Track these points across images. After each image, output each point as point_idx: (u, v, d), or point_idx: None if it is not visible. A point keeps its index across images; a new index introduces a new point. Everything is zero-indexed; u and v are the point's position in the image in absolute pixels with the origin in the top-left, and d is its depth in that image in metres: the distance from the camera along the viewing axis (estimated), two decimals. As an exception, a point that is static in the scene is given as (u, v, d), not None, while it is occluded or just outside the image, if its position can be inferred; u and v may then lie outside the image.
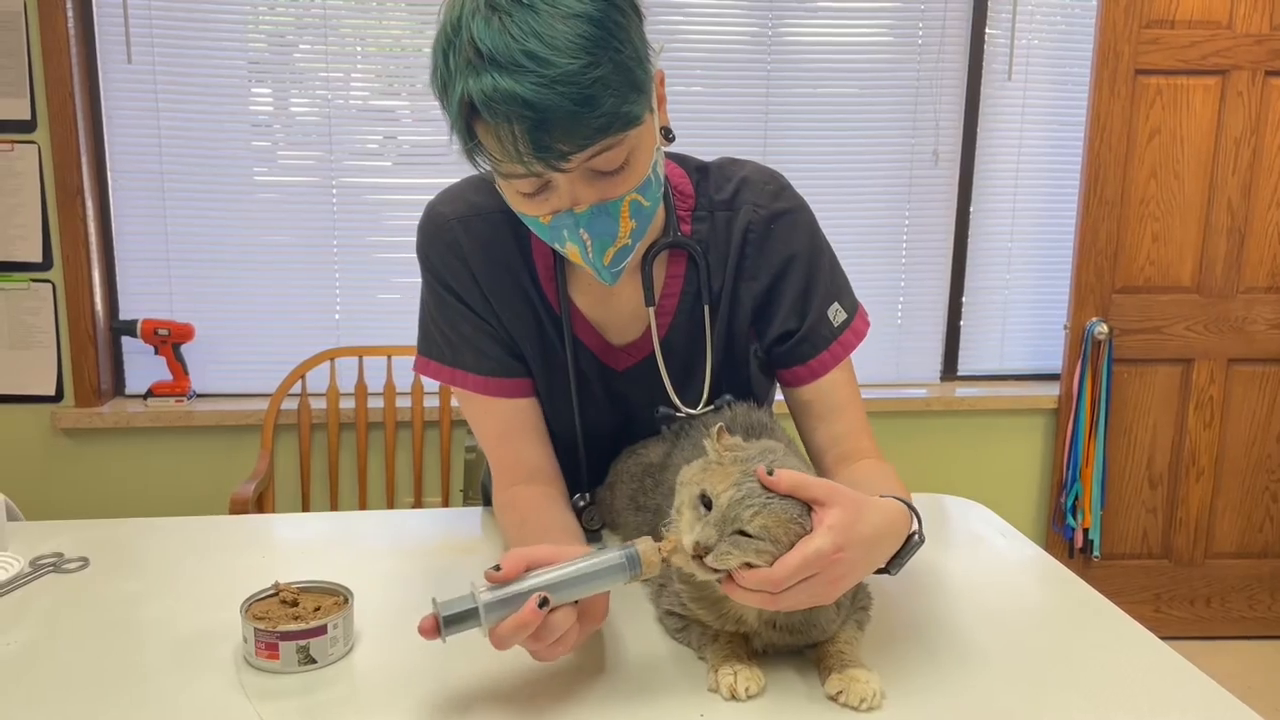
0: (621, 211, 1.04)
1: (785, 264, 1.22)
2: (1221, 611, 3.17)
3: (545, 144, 0.95)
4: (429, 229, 1.23)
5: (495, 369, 1.22)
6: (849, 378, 1.26)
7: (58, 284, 2.76)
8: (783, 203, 1.22)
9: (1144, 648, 1.06)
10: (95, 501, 2.86)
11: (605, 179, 1.02)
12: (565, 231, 1.05)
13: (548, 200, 1.03)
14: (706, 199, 1.23)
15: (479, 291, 1.22)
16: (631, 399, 1.26)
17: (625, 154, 1.01)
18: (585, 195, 1.02)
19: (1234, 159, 2.90)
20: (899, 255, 3.08)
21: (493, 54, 0.93)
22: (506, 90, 0.93)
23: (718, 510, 0.89)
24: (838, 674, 0.94)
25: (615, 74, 0.95)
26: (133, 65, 2.76)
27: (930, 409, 3.05)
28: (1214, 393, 3.04)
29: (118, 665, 1.01)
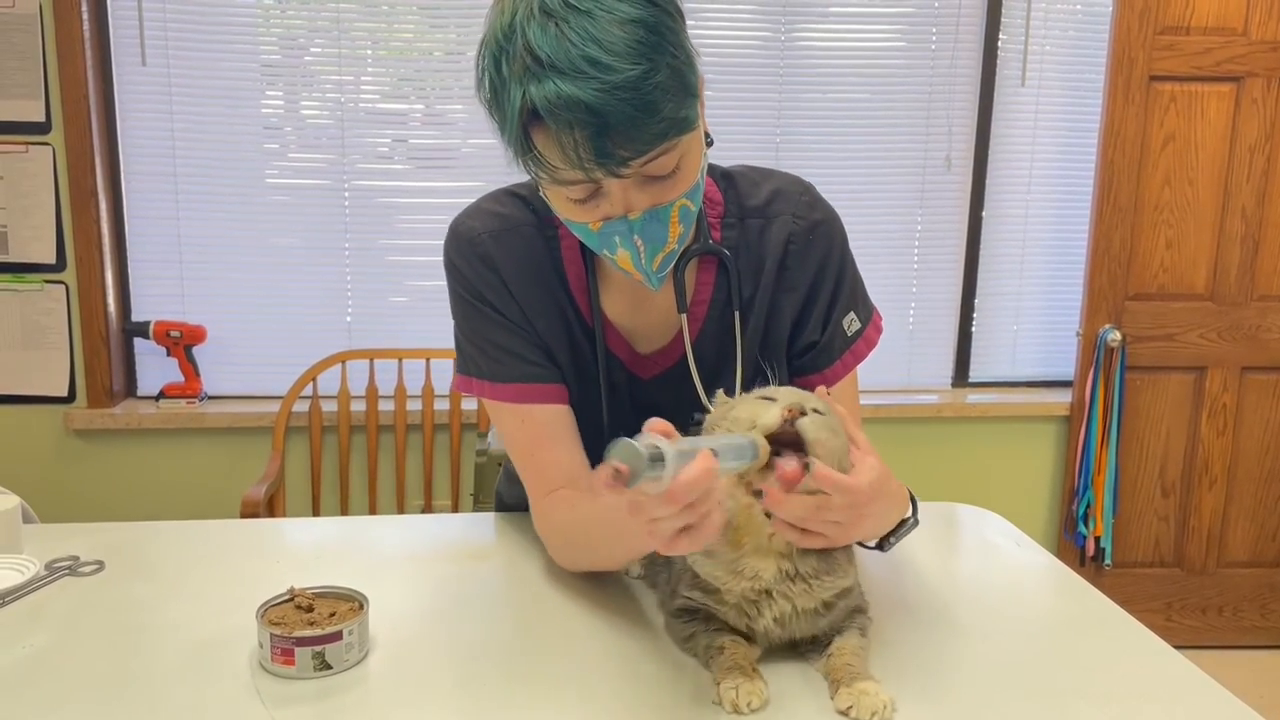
0: (672, 216, 1.05)
1: (819, 274, 1.23)
2: (1234, 621, 3.16)
3: (607, 150, 0.95)
4: (459, 244, 1.22)
5: (533, 374, 1.21)
6: (850, 381, 1.27)
7: (71, 285, 2.77)
8: (819, 213, 1.23)
9: (1157, 657, 1.06)
10: (107, 502, 2.87)
11: (657, 184, 1.02)
12: (617, 238, 1.05)
13: (598, 207, 1.03)
14: (736, 206, 1.23)
15: (514, 303, 1.21)
16: (659, 407, 1.26)
17: (677, 159, 1.01)
18: (638, 201, 1.02)
19: (1248, 166, 2.89)
20: (911, 261, 3.08)
21: (553, 60, 0.93)
22: (570, 96, 0.93)
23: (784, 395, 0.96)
24: (846, 687, 0.93)
25: (671, 79, 0.96)
26: (147, 68, 2.77)
27: (941, 415, 3.04)
28: (1227, 401, 3.03)
29: (133, 669, 1.01)
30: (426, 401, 2.80)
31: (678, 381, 1.24)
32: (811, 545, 0.96)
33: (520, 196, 1.24)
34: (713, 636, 1.01)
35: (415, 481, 2.91)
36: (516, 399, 1.22)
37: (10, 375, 2.80)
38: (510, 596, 1.19)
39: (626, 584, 1.21)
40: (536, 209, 1.23)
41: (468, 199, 1.26)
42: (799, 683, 0.99)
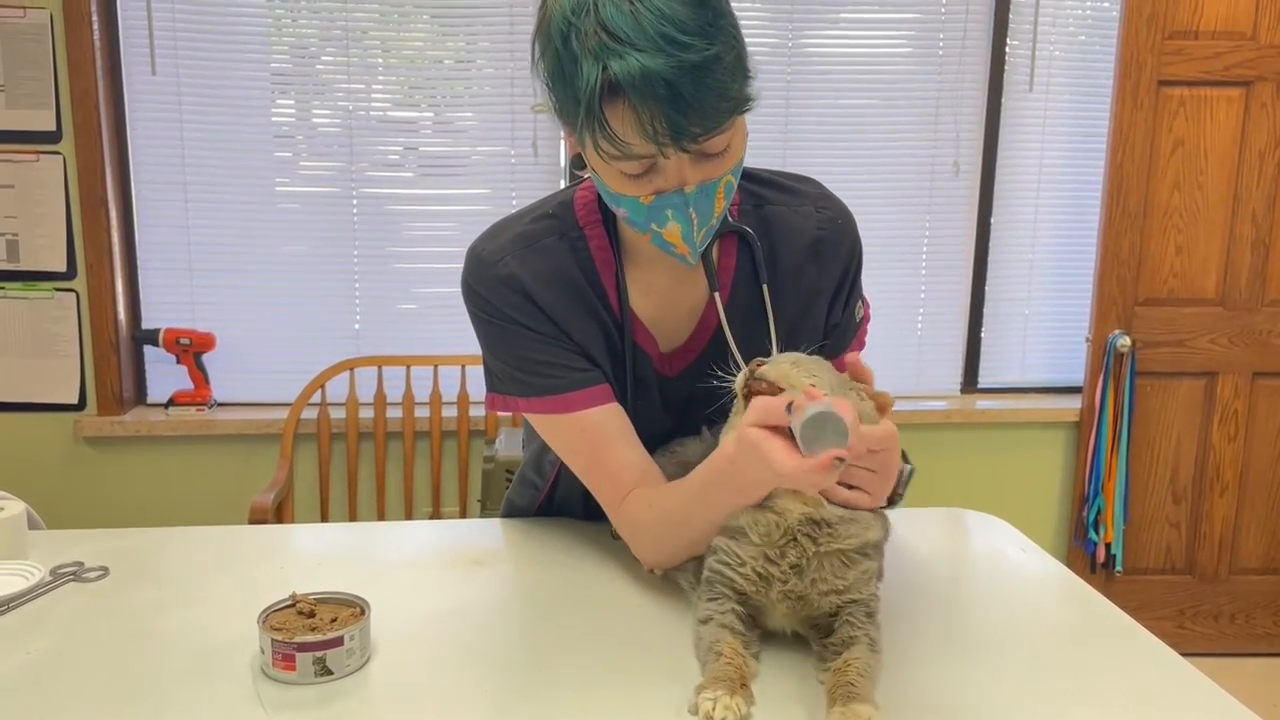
0: (719, 191, 1.09)
1: (849, 261, 1.29)
2: (1246, 628, 3.14)
3: (681, 126, 0.99)
4: (478, 270, 1.22)
5: (575, 382, 1.21)
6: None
7: (81, 293, 2.79)
8: (839, 204, 1.30)
9: (1166, 665, 1.05)
10: (116, 509, 2.88)
11: (710, 160, 1.06)
12: (669, 211, 1.08)
13: (652, 181, 1.06)
14: (750, 195, 1.27)
15: (545, 317, 1.21)
16: (690, 400, 1.27)
17: (731, 136, 1.06)
18: (692, 176, 1.06)
19: (1258, 171, 2.87)
20: (919, 266, 3.07)
21: (630, 36, 0.97)
22: (652, 70, 0.96)
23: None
24: (841, 706, 0.91)
25: (735, 60, 1.01)
26: (157, 76, 2.78)
27: (950, 421, 3.03)
28: (1238, 406, 3.01)
29: (136, 675, 1.01)
30: (434, 408, 2.81)
31: (703, 375, 1.24)
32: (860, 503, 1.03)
33: (538, 213, 1.24)
34: (718, 634, 1.01)
35: (423, 488, 2.91)
36: (567, 409, 1.21)
37: (21, 383, 2.82)
38: (513, 603, 1.19)
39: (629, 591, 1.21)
40: (558, 216, 1.23)
41: (477, 206, 1.27)
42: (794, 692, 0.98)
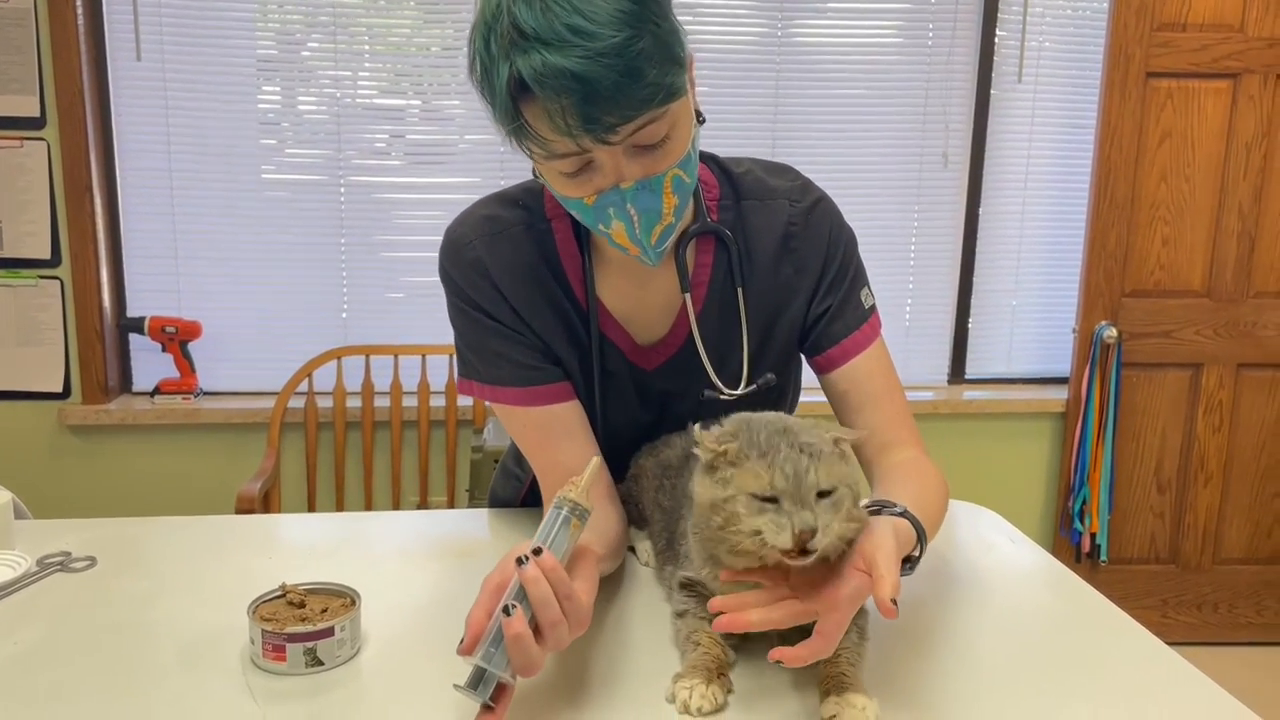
0: (665, 186, 1.05)
1: (829, 249, 1.25)
2: (1229, 617, 3.16)
3: (594, 117, 0.96)
4: (450, 252, 1.23)
5: (533, 377, 1.22)
6: (885, 367, 1.27)
7: (66, 281, 2.77)
8: (813, 193, 1.26)
9: (1153, 656, 1.06)
10: (101, 498, 2.87)
11: (648, 154, 1.03)
12: (611, 209, 1.05)
13: (591, 180, 1.04)
14: (730, 189, 1.25)
15: (507, 306, 1.21)
16: (666, 394, 1.27)
17: (667, 127, 1.02)
18: (630, 171, 1.03)
19: (1245, 163, 2.89)
20: (907, 257, 3.07)
21: (537, 32, 0.95)
22: (555, 65, 0.94)
23: (790, 492, 0.88)
24: (835, 696, 0.91)
25: (656, 47, 0.97)
26: (142, 63, 2.76)
27: (938, 412, 3.04)
28: (1223, 397, 3.03)
29: (125, 665, 1.00)
30: (422, 398, 2.80)
31: (682, 369, 1.24)
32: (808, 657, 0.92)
33: (509, 198, 1.24)
34: (695, 624, 1.01)
35: (411, 478, 2.91)
36: (517, 402, 1.22)
37: (5, 371, 2.80)
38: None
39: (618, 580, 1.21)
40: (528, 206, 1.23)
41: (464, 194, 1.27)
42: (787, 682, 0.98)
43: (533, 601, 0.87)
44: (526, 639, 0.85)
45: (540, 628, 0.87)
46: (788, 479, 0.88)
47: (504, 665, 0.86)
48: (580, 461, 1.21)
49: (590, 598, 0.93)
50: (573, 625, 0.89)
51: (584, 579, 0.93)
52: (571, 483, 0.95)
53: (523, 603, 0.87)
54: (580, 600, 0.90)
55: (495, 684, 0.86)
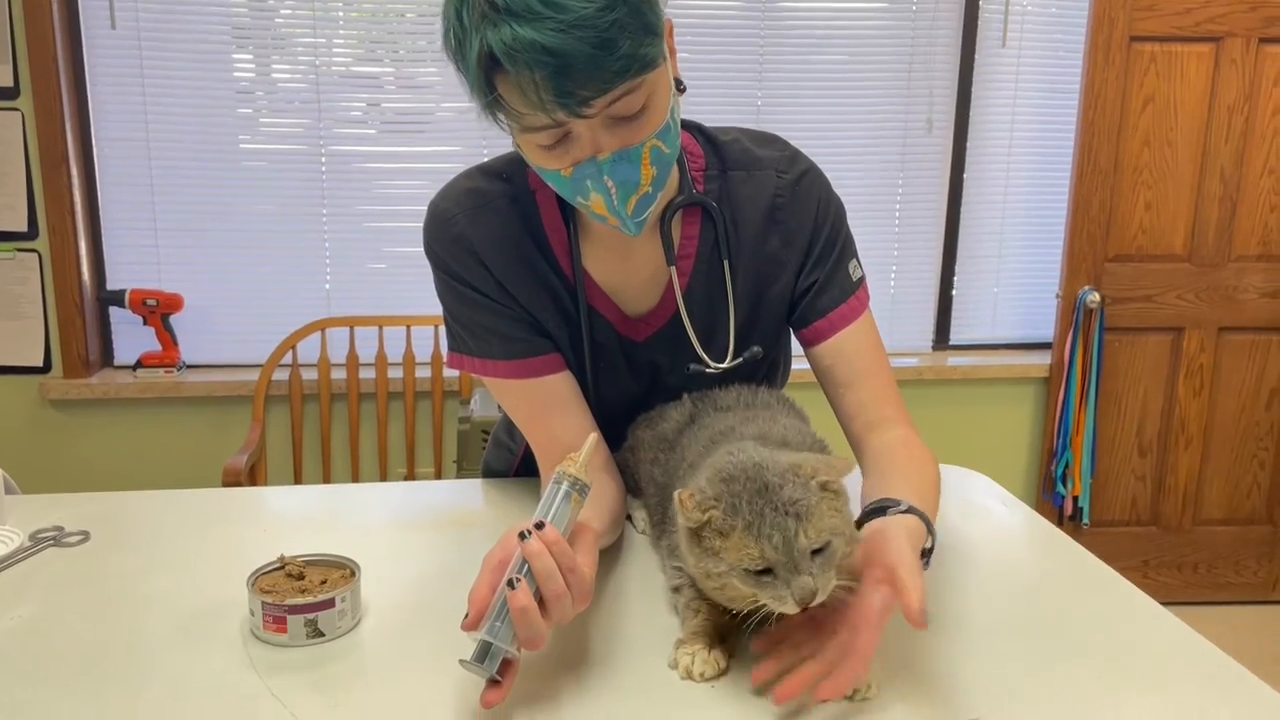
0: (643, 157, 1.04)
1: (817, 220, 1.24)
2: (1208, 577, 3.21)
3: (567, 90, 0.95)
4: (434, 226, 1.21)
5: (522, 350, 1.21)
6: (873, 342, 1.26)
7: (44, 254, 2.73)
8: (802, 164, 1.25)
9: (1146, 614, 1.07)
10: (84, 473, 2.85)
11: (625, 125, 1.02)
12: (588, 181, 1.04)
13: (568, 152, 1.02)
14: (716, 159, 1.23)
15: (493, 280, 1.20)
16: (656, 366, 1.27)
17: (644, 98, 1.01)
18: (607, 143, 1.02)
19: (1227, 127, 2.89)
20: (892, 224, 3.07)
21: (509, 4, 0.93)
22: (526, 39, 0.93)
23: (782, 561, 0.86)
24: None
25: (630, 17, 0.95)
26: (116, 30, 2.71)
27: (922, 378, 3.06)
28: (1204, 361, 3.06)
29: (124, 639, 1.00)
30: (408, 369, 2.79)
31: (672, 341, 1.24)
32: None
33: (492, 171, 1.23)
34: (694, 594, 1.01)
35: (398, 449, 2.90)
36: (508, 375, 1.22)
37: (-16, 345, 2.77)
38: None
39: (616, 549, 1.21)
40: (512, 178, 1.21)
41: (445, 164, 1.25)
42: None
43: (537, 575, 0.87)
44: (532, 611, 0.85)
45: (544, 601, 0.87)
46: (778, 549, 0.86)
47: (509, 639, 0.86)
48: (575, 432, 1.21)
49: (592, 571, 0.93)
50: (576, 598, 0.89)
51: (585, 553, 0.93)
52: (570, 458, 0.94)
53: (526, 576, 0.86)
54: (583, 573, 0.89)
55: (501, 658, 0.86)
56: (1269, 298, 3.02)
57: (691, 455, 1.10)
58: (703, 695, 0.91)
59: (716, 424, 1.13)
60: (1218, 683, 0.94)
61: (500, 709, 0.87)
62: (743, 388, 1.22)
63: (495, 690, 0.86)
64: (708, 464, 0.96)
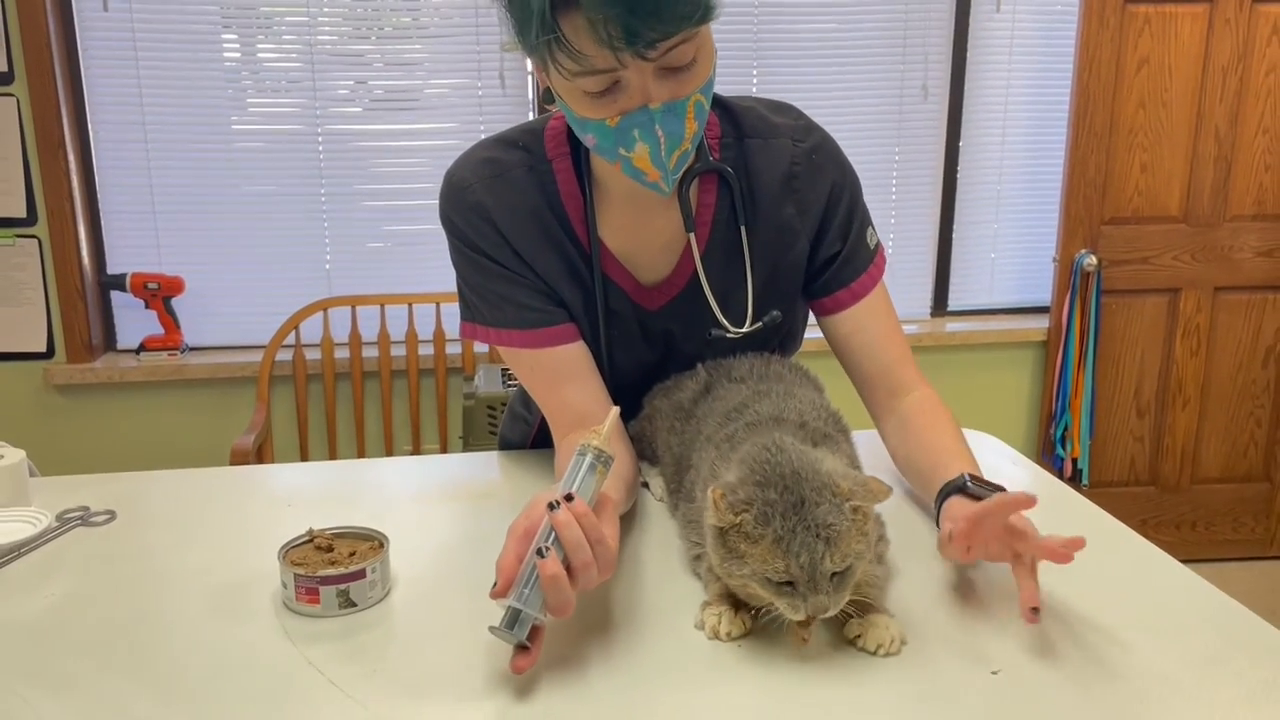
0: (688, 111, 1.05)
1: (834, 190, 1.25)
2: (1207, 535, 3.25)
3: (636, 30, 0.95)
4: (451, 195, 1.22)
5: (538, 319, 1.22)
6: (888, 307, 1.29)
7: (44, 239, 2.73)
8: (817, 134, 1.26)
9: (1158, 567, 1.10)
10: (90, 457, 2.86)
11: (675, 76, 1.03)
12: (636, 131, 1.05)
13: (616, 101, 1.03)
14: (732, 127, 1.24)
15: (509, 249, 1.21)
16: (671, 334, 1.28)
17: (695, 49, 1.02)
18: (658, 92, 1.03)
19: (1221, 87, 2.90)
20: (889, 191, 3.08)
21: None
22: None
23: (804, 579, 0.87)
24: (858, 618, 0.94)
25: None
26: (109, 13, 2.70)
27: (921, 344, 3.08)
28: (1200, 321, 3.08)
29: (159, 613, 1.01)
30: (410, 346, 2.80)
31: (686, 308, 1.25)
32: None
33: (509, 140, 1.23)
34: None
35: (403, 427, 2.91)
36: (523, 344, 1.23)
37: (-14, 332, 2.77)
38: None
39: (635, 515, 1.23)
40: (528, 148, 1.22)
41: (445, 141, 1.25)
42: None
43: (565, 545, 0.88)
44: (562, 579, 0.86)
45: (572, 570, 0.88)
46: (803, 568, 0.86)
47: (538, 606, 0.88)
48: (588, 402, 1.23)
49: (616, 542, 0.94)
50: (602, 568, 0.90)
51: (609, 524, 0.94)
52: (594, 430, 0.95)
53: (555, 545, 0.88)
54: (609, 544, 0.91)
55: (530, 625, 0.88)
56: (1264, 257, 3.04)
57: (708, 429, 1.11)
58: (730, 655, 0.93)
59: (732, 396, 1.13)
60: (1232, 631, 0.96)
61: (530, 673, 0.89)
62: (756, 357, 1.24)
63: (525, 656, 0.88)
64: (741, 457, 0.95)
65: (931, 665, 0.90)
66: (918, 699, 0.86)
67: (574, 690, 0.88)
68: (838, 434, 1.08)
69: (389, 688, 0.88)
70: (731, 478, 0.93)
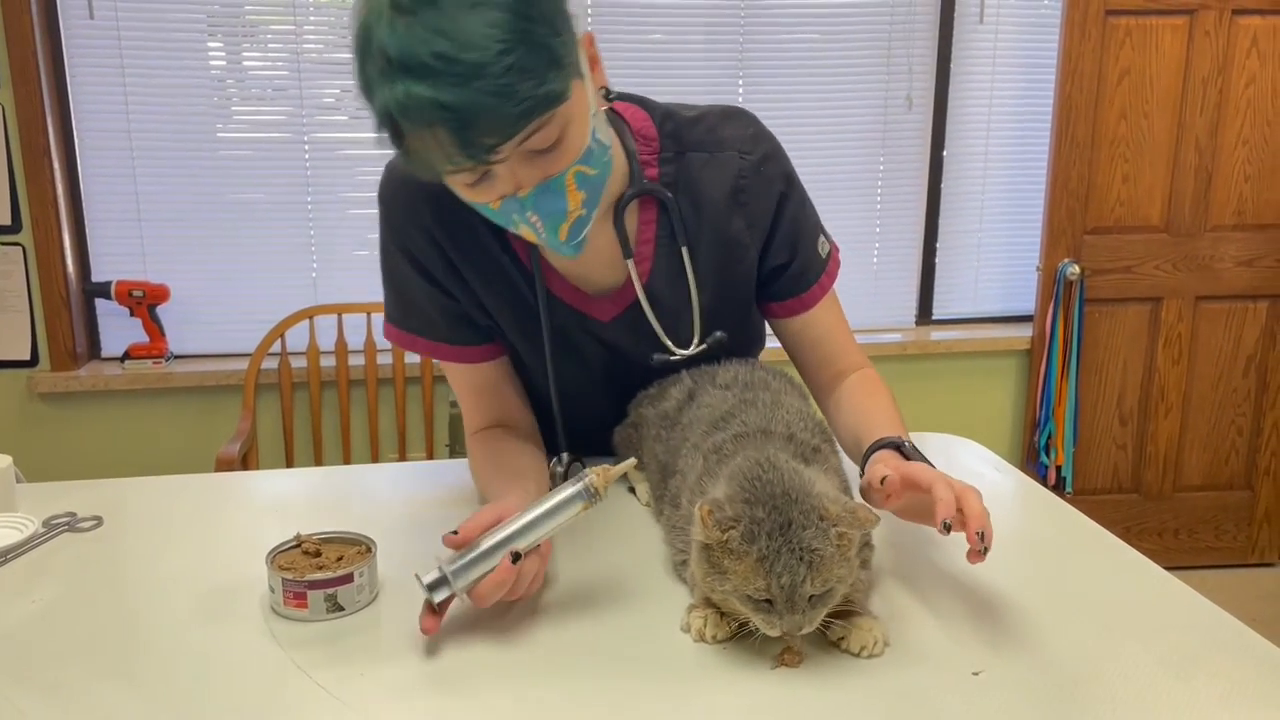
0: (567, 185, 1.02)
1: (780, 203, 1.25)
2: (1189, 542, 3.27)
3: (471, 141, 0.93)
4: (392, 189, 1.21)
5: (449, 337, 1.25)
6: (837, 306, 1.32)
7: (28, 247, 2.72)
8: (765, 144, 1.24)
9: (1139, 571, 1.11)
10: (75, 466, 2.85)
11: (544, 157, 0.99)
12: (514, 215, 1.03)
13: (492, 187, 1.01)
14: (673, 141, 1.22)
15: (442, 258, 1.20)
16: (622, 348, 1.27)
17: (558, 130, 0.98)
18: (528, 177, 1.00)
19: (1201, 98, 2.94)
20: (874, 201, 3.10)
21: (403, 60, 0.91)
22: (421, 96, 0.91)
23: (783, 600, 0.87)
24: (842, 620, 0.94)
25: (529, 56, 0.92)
26: (95, 20, 2.70)
27: (906, 353, 3.09)
28: (1182, 330, 3.11)
29: (147, 618, 1.02)
30: (397, 355, 2.80)
31: (634, 325, 1.24)
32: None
33: None
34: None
35: (389, 435, 2.91)
36: (438, 357, 1.27)
37: (-30, 340, 2.76)
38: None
39: (621, 521, 1.24)
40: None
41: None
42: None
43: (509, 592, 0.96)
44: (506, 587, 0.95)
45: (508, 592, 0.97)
46: (783, 589, 0.86)
47: (464, 584, 0.95)
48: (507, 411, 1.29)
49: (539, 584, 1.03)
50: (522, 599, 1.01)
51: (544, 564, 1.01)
52: (605, 467, 0.98)
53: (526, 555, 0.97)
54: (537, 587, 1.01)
55: (448, 594, 0.95)
56: (1244, 266, 3.07)
57: (694, 436, 1.11)
58: (715, 657, 0.93)
59: (718, 404, 1.13)
60: (1211, 634, 0.97)
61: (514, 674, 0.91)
62: (741, 364, 1.24)
63: (433, 618, 0.95)
64: (731, 473, 0.95)
65: (914, 667, 0.91)
66: (900, 700, 0.86)
67: (561, 691, 0.88)
68: (825, 445, 1.08)
69: (376, 691, 0.89)
70: (720, 493, 0.93)
